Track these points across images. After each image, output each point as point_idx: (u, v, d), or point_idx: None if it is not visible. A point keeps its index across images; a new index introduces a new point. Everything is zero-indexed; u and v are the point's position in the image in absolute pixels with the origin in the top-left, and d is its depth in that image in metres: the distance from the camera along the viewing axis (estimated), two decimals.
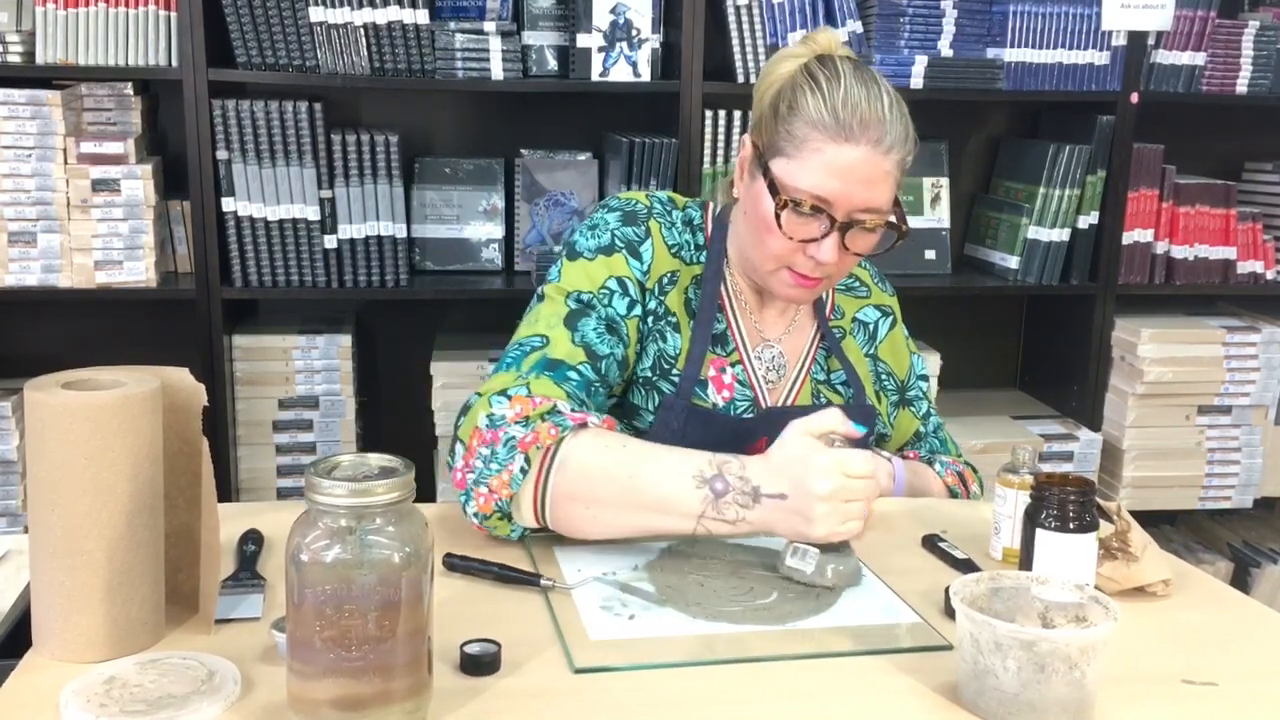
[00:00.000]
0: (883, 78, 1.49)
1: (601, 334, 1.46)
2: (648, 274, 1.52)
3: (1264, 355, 2.86)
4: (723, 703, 1.03)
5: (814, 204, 1.43)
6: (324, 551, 0.93)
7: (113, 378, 1.10)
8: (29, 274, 2.46)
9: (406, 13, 2.48)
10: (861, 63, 1.50)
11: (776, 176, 1.45)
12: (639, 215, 1.55)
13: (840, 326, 1.67)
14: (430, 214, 2.69)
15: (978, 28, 2.69)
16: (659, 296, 1.53)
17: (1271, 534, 3.13)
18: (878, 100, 1.43)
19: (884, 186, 1.45)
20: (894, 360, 1.71)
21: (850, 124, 1.41)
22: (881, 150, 1.42)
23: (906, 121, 1.46)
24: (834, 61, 1.47)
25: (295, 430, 2.63)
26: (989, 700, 1.00)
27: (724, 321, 1.58)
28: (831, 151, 1.42)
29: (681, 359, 1.53)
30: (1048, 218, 2.78)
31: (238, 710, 0.99)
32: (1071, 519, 1.21)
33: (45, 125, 2.41)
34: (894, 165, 1.45)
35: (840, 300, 1.69)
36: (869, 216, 1.45)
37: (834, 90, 1.43)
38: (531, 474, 1.30)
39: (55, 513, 1.05)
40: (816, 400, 1.61)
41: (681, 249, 1.57)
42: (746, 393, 1.57)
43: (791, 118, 1.44)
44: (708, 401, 1.54)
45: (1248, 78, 2.83)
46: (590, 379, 1.43)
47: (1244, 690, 1.08)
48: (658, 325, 1.53)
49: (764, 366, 1.59)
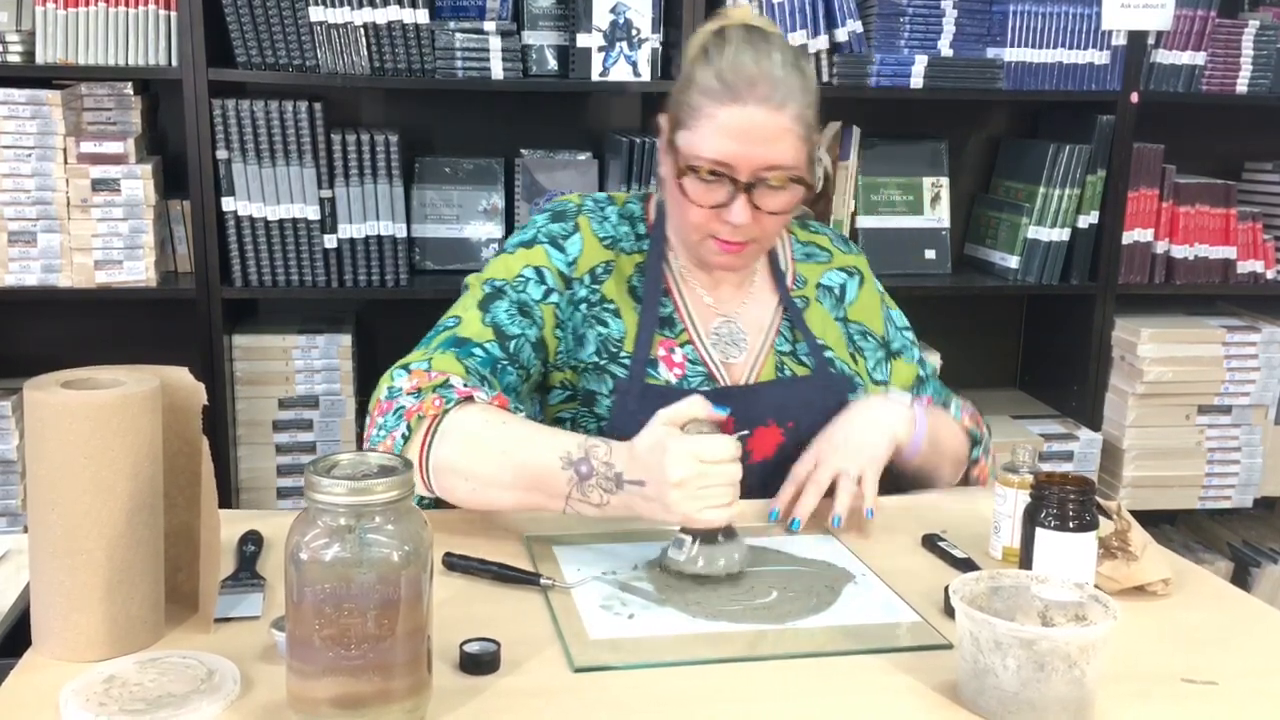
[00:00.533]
0: (782, 40, 1.53)
1: (513, 315, 1.52)
2: (574, 265, 1.57)
3: (1264, 355, 2.86)
4: (723, 702, 1.03)
5: (713, 169, 1.46)
6: (323, 550, 0.93)
7: (112, 377, 1.10)
8: (29, 274, 2.46)
9: (406, 12, 2.48)
10: (763, 28, 1.53)
11: (680, 149, 1.50)
12: (568, 213, 1.61)
13: (804, 295, 1.67)
14: (430, 214, 2.69)
15: (978, 27, 2.69)
16: (592, 285, 1.57)
17: (1271, 534, 3.13)
18: (766, 59, 1.47)
19: (784, 143, 1.47)
20: (868, 318, 1.71)
21: (737, 86, 1.45)
22: (773, 106, 1.45)
23: (805, 76, 1.50)
24: (727, 31, 1.51)
25: (295, 430, 2.63)
26: (989, 699, 1.00)
27: (670, 304, 1.61)
28: (724, 115, 1.45)
29: (629, 341, 1.57)
30: (1048, 217, 2.78)
31: (237, 709, 0.99)
32: (1071, 518, 1.21)
33: (45, 125, 2.41)
34: (791, 120, 1.46)
35: (801, 269, 1.69)
36: (773, 174, 1.47)
37: (721, 57, 1.47)
38: (415, 442, 1.36)
39: (55, 512, 1.05)
40: (780, 373, 1.61)
41: (618, 241, 1.61)
42: (699, 369, 1.58)
43: (688, 90, 1.50)
44: (660, 380, 1.56)
45: (1248, 77, 2.83)
46: (496, 356, 1.48)
47: (1244, 689, 1.08)
48: (593, 312, 1.57)
49: (721, 342, 1.61)
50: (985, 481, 1.71)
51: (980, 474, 1.71)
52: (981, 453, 1.71)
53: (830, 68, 2.64)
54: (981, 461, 1.71)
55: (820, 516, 1.44)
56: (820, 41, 2.62)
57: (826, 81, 2.64)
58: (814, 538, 1.41)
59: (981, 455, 1.70)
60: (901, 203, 2.85)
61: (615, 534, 1.39)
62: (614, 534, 1.39)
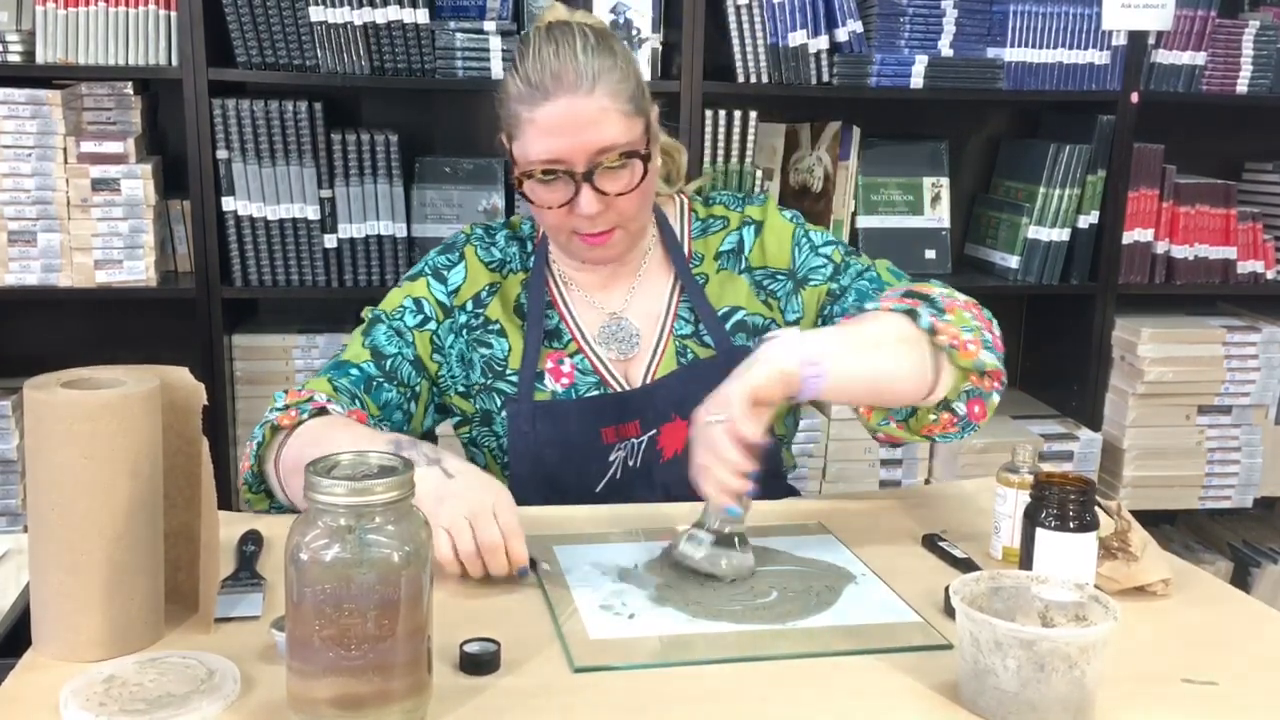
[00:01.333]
0: (585, 25, 1.51)
1: (390, 337, 1.58)
2: (455, 293, 1.61)
3: (1264, 355, 2.86)
4: (723, 702, 1.03)
5: (545, 168, 1.47)
6: (323, 550, 0.93)
7: (112, 377, 1.09)
8: (29, 273, 2.46)
9: (406, 12, 2.48)
10: (565, 20, 1.52)
11: (517, 159, 1.51)
12: (456, 244, 1.65)
13: (703, 272, 1.63)
14: (430, 213, 2.69)
15: (978, 27, 2.69)
16: (475, 310, 1.61)
17: (1271, 534, 3.13)
18: (567, 47, 1.46)
19: (606, 124, 1.46)
20: (772, 258, 1.61)
21: (543, 83, 1.45)
22: (584, 92, 1.44)
23: (613, 53, 1.48)
24: (529, 34, 1.52)
25: None
26: (989, 699, 1.00)
27: (555, 316, 1.61)
28: (539, 115, 1.46)
29: (514, 358, 1.58)
30: (1048, 217, 2.78)
31: (237, 709, 0.99)
32: (1071, 518, 1.21)
33: (45, 125, 2.41)
34: (607, 98, 1.45)
35: (698, 246, 1.65)
36: (605, 157, 1.46)
37: (525, 61, 1.48)
38: (271, 450, 1.44)
39: (55, 512, 1.05)
40: (680, 359, 1.58)
41: (506, 263, 1.64)
42: (589, 378, 1.58)
43: (505, 102, 1.51)
44: (546, 392, 1.57)
45: (1248, 77, 2.83)
46: (371, 374, 1.55)
47: (1244, 689, 1.08)
48: (475, 335, 1.60)
49: (612, 341, 1.60)
50: (969, 350, 1.37)
51: (953, 342, 1.36)
52: (931, 317, 1.36)
53: (830, 68, 2.64)
54: (940, 328, 1.36)
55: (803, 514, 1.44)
56: (820, 41, 2.62)
57: (826, 81, 2.64)
58: (815, 538, 1.41)
59: (932, 319, 1.36)
60: (902, 203, 2.85)
61: (615, 534, 1.39)
62: (614, 534, 1.39)
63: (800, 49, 2.61)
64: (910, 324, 1.36)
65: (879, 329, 1.36)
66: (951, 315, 1.39)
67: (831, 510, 1.50)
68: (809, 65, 2.63)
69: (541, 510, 1.45)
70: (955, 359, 1.37)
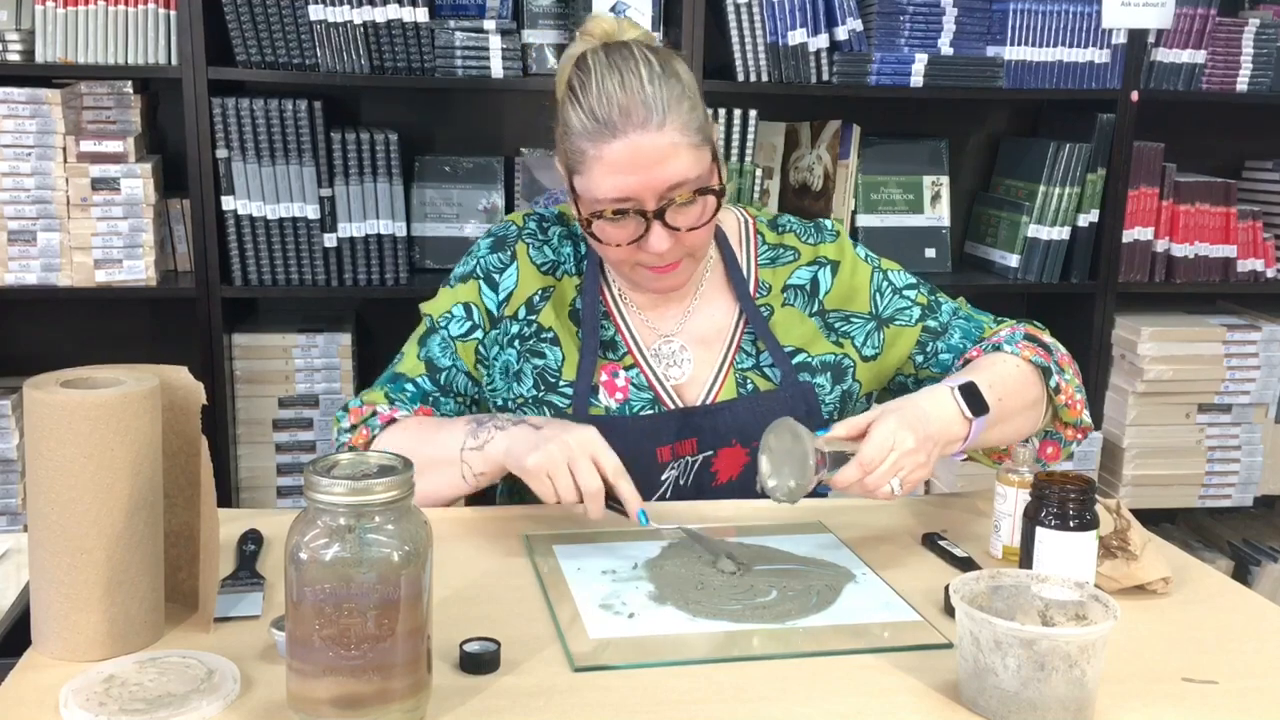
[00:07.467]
0: (644, 51, 1.43)
1: (444, 348, 1.57)
2: (506, 301, 1.57)
3: (1264, 353, 2.86)
4: (723, 701, 1.03)
5: (616, 208, 1.42)
6: (323, 550, 0.93)
7: (112, 376, 1.09)
8: (29, 273, 2.46)
9: (406, 11, 2.48)
10: (623, 42, 1.45)
11: (580, 195, 1.46)
12: (508, 240, 1.59)
13: (768, 304, 1.59)
14: (430, 212, 2.69)
15: (978, 26, 2.68)
16: (527, 318, 1.56)
17: (1271, 532, 3.13)
18: (633, 77, 1.40)
19: (677, 159, 1.41)
20: (850, 301, 1.60)
21: (610, 119, 1.39)
22: (653, 129, 1.39)
23: (679, 77, 1.43)
24: (587, 59, 1.44)
25: (295, 429, 2.63)
26: (989, 699, 1.00)
27: (611, 327, 1.57)
28: (607, 152, 1.40)
29: (569, 368, 1.54)
30: (1048, 216, 2.78)
31: (237, 709, 0.99)
32: (1071, 517, 1.21)
33: (45, 124, 2.41)
34: (676, 133, 1.40)
35: (765, 275, 1.61)
36: (677, 193, 1.42)
37: (588, 94, 1.41)
38: None
39: (55, 512, 1.05)
40: (741, 389, 1.55)
41: (559, 264, 1.59)
42: (645, 394, 1.54)
43: (567, 137, 1.44)
44: (600, 407, 1.52)
45: (1248, 76, 2.83)
46: (427, 389, 1.56)
47: (1244, 688, 1.08)
48: (528, 345, 1.55)
49: (662, 362, 1.56)
50: (1077, 409, 1.51)
51: (1068, 401, 1.50)
52: (1057, 376, 1.49)
53: (830, 66, 2.64)
54: (1063, 387, 1.49)
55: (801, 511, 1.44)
56: (820, 40, 2.62)
57: (826, 80, 2.64)
58: (814, 537, 1.41)
59: (1058, 378, 1.49)
60: (901, 201, 2.85)
61: (615, 534, 1.39)
62: (614, 534, 1.39)
63: (800, 47, 2.61)
64: (1041, 383, 1.49)
65: (1024, 392, 1.47)
66: (1068, 372, 1.52)
67: (831, 509, 1.50)
68: (809, 64, 2.63)
69: (543, 509, 1.44)
70: (1064, 415, 1.52)
